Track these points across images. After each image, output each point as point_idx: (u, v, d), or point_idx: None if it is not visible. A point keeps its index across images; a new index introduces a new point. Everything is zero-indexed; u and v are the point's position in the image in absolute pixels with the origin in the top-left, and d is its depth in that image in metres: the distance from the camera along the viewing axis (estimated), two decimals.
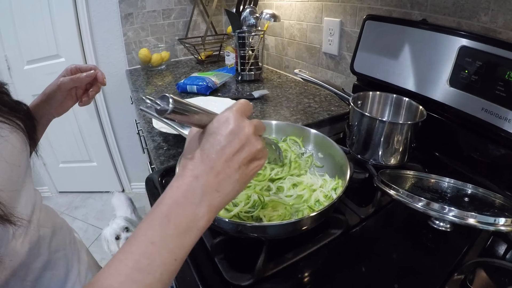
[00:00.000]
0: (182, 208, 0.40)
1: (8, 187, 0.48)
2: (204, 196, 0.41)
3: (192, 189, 0.41)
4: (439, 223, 0.64)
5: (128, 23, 2.08)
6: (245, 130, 0.42)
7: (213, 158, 0.41)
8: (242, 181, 0.44)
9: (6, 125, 0.51)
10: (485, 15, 0.87)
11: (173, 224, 0.39)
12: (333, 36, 1.43)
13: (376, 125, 0.83)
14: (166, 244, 0.38)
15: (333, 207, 0.62)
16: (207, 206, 0.41)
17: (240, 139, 0.41)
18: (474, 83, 0.83)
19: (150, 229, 0.39)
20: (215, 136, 0.41)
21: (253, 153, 0.43)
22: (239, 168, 0.42)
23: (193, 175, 0.41)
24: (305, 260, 0.64)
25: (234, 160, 0.42)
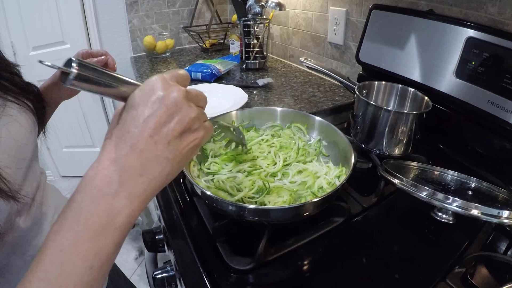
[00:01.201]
0: (95, 203, 0.33)
1: (14, 164, 0.49)
2: (123, 183, 0.33)
3: (108, 177, 0.33)
4: (441, 215, 0.63)
5: (133, 10, 2.07)
6: (172, 95, 0.35)
7: (134, 133, 0.34)
8: (174, 161, 0.36)
9: (16, 105, 0.53)
10: (492, 6, 0.86)
11: (84, 225, 0.32)
12: (338, 25, 1.42)
13: (381, 114, 0.83)
14: (78, 251, 0.31)
15: (336, 194, 0.62)
16: (127, 196, 0.34)
17: (167, 107, 0.34)
18: (480, 75, 0.82)
19: (59, 233, 0.32)
20: (137, 107, 0.35)
21: (185, 123, 0.36)
22: (168, 144, 0.35)
23: (109, 158, 0.34)
24: (306, 246, 0.64)
25: (161, 133, 0.34)
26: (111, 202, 0.33)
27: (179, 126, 0.35)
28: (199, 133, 0.38)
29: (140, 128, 0.34)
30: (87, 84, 0.33)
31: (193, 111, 0.36)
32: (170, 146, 0.35)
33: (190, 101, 0.37)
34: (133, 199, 0.34)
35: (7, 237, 0.49)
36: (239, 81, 1.56)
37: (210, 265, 0.60)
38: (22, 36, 2.12)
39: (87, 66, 0.33)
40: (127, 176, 0.33)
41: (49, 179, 2.89)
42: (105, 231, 0.33)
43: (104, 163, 0.34)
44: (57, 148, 2.73)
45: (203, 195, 0.61)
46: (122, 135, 0.34)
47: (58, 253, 0.31)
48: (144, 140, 0.34)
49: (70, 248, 0.31)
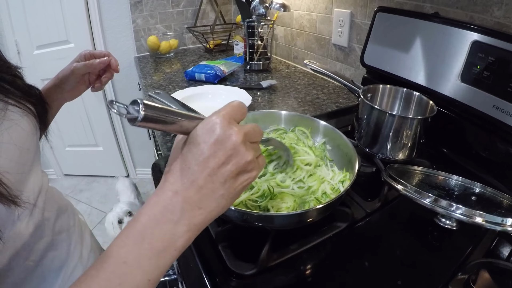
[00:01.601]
0: (159, 226, 0.36)
1: (16, 170, 0.49)
2: (183, 213, 0.37)
3: (171, 206, 0.37)
4: (445, 221, 0.63)
5: (137, 10, 2.08)
6: (232, 138, 0.37)
7: (194, 170, 0.37)
8: (229, 197, 0.39)
9: (17, 108, 0.52)
10: (498, 9, 0.85)
11: (148, 244, 0.35)
12: (343, 27, 1.41)
13: (385, 118, 0.82)
14: (140, 264, 0.35)
15: (340, 200, 0.62)
16: (187, 224, 0.37)
17: (226, 150, 0.37)
18: (485, 79, 0.81)
19: (124, 247, 0.35)
20: (198, 145, 0.37)
21: (241, 165, 0.38)
22: (225, 183, 0.38)
23: (172, 190, 0.37)
24: (309, 252, 0.64)
25: (219, 173, 0.37)
26: (173, 227, 0.36)
27: (235, 168, 0.38)
28: (253, 173, 0.40)
29: (201, 166, 0.36)
30: (152, 123, 0.35)
31: (249, 155, 0.38)
32: (226, 185, 0.38)
33: (247, 141, 0.39)
34: (192, 227, 0.37)
35: (9, 242, 0.49)
36: (243, 82, 1.56)
37: (212, 270, 0.60)
38: (26, 35, 2.13)
39: (153, 106, 0.34)
40: (187, 207, 0.37)
41: (52, 177, 2.91)
42: (166, 251, 0.36)
43: (167, 193, 0.37)
44: (60, 147, 2.74)
45: None
46: (183, 170, 0.37)
47: (122, 264, 0.34)
48: (203, 178, 0.37)
49: (133, 262, 0.35)
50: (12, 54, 2.13)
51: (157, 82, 1.59)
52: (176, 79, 1.60)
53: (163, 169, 0.86)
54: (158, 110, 0.35)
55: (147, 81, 1.62)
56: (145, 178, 2.88)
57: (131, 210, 1.97)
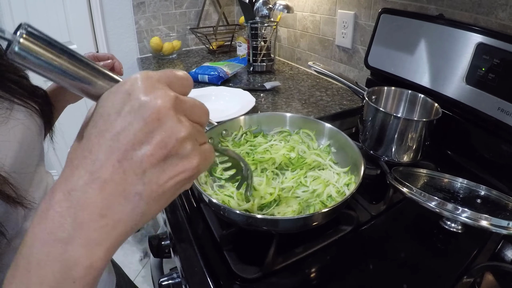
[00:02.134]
0: (46, 250, 0.25)
1: (21, 169, 0.48)
2: (78, 226, 0.25)
3: (60, 216, 0.25)
4: (450, 224, 0.63)
5: (140, 11, 2.08)
6: (156, 102, 0.25)
7: (98, 156, 0.25)
8: (150, 197, 0.26)
9: (23, 108, 0.52)
10: (503, 11, 0.85)
11: (36, 277, 0.25)
12: (346, 29, 1.41)
13: (390, 121, 0.82)
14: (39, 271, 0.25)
15: (345, 204, 0.61)
16: (84, 244, 0.25)
17: (146, 120, 0.25)
18: (490, 81, 0.81)
19: (12, 282, 0.25)
20: (106, 117, 0.25)
21: (171, 144, 0.26)
22: (143, 174, 0.25)
23: (64, 189, 0.25)
24: (314, 255, 0.64)
25: (133, 158, 0.25)
26: (64, 250, 0.25)
27: (160, 149, 0.25)
28: (191, 160, 0.27)
29: (106, 148, 0.25)
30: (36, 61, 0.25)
31: (183, 129, 0.26)
32: (145, 177, 0.26)
33: (181, 113, 0.27)
34: (92, 248, 0.25)
35: (14, 243, 0.48)
36: (246, 84, 1.56)
37: (216, 273, 0.60)
38: None
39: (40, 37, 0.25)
40: (84, 216, 0.25)
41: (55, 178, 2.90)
42: (61, 285, 0.25)
43: (57, 195, 0.25)
44: (63, 148, 2.71)
45: (210, 203, 0.61)
46: (84, 156, 0.26)
47: None
48: (109, 167, 0.25)
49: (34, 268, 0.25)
50: None
51: None
52: None
53: None
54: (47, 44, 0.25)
55: None
56: None
57: None
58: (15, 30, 0.24)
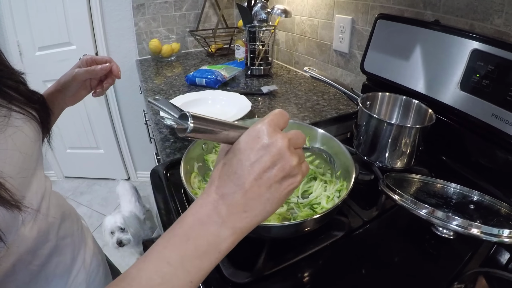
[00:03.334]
0: (204, 228, 0.37)
1: (19, 175, 0.49)
2: (229, 216, 0.37)
3: (217, 208, 0.37)
4: (442, 230, 0.63)
5: (140, 13, 2.09)
6: (277, 144, 0.37)
7: (240, 175, 0.37)
8: (274, 201, 0.39)
9: (21, 115, 0.52)
10: (498, 17, 0.85)
11: (193, 245, 0.36)
12: (344, 33, 1.42)
13: (384, 127, 0.82)
14: (183, 265, 0.35)
15: (336, 210, 0.61)
16: (231, 228, 0.37)
17: (272, 155, 0.37)
18: (485, 87, 0.81)
19: (168, 247, 0.36)
20: (244, 151, 0.38)
21: (286, 170, 0.38)
22: (270, 187, 0.38)
23: (218, 193, 0.38)
24: (306, 260, 0.64)
25: (264, 178, 0.37)
26: (218, 230, 0.37)
27: (280, 172, 0.38)
28: (297, 177, 0.40)
29: (247, 171, 0.37)
30: (200, 134, 0.37)
31: (294, 160, 0.39)
32: (271, 189, 0.38)
33: (291, 147, 0.39)
34: (237, 231, 0.38)
35: (13, 248, 0.49)
36: (244, 87, 1.56)
37: (208, 278, 0.59)
38: (28, 36, 2.14)
39: (200, 118, 0.36)
40: (233, 210, 0.37)
41: (53, 179, 2.91)
42: (210, 253, 0.37)
43: (213, 196, 0.38)
44: (61, 149, 2.74)
45: None
46: (230, 175, 0.38)
47: (165, 264, 0.35)
48: (249, 183, 0.37)
49: (176, 262, 0.35)
50: (14, 55, 2.14)
51: (158, 86, 1.59)
52: (177, 84, 1.61)
53: (162, 175, 0.87)
54: (205, 121, 0.37)
55: (148, 85, 1.62)
56: (146, 181, 2.88)
57: (123, 227, 1.96)
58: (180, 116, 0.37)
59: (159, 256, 0.36)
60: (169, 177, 0.87)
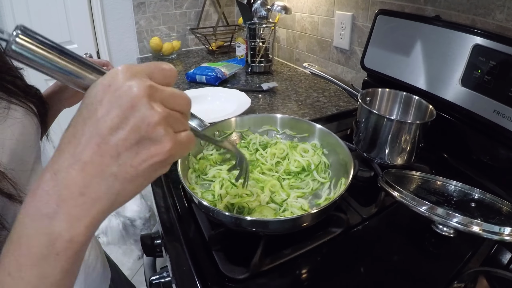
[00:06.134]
0: (34, 224, 0.28)
1: (19, 167, 0.49)
2: (61, 203, 0.28)
3: (46, 194, 0.28)
4: (442, 228, 0.62)
5: (141, 11, 2.08)
6: (131, 91, 0.27)
7: (80, 140, 0.28)
8: (125, 178, 0.29)
9: (20, 107, 0.53)
10: (500, 12, 0.84)
11: (25, 250, 0.28)
12: (344, 30, 1.41)
13: (383, 123, 0.81)
14: (21, 276, 0.28)
15: (334, 205, 0.61)
16: (66, 219, 0.28)
17: (122, 108, 0.27)
18: (487, 83, 0.80)
19: (6, 256, 0.29)
20: (89, 105, 0.28)
21: (141, 129, 0.28)
22: (118, 156, 0.28)
23: (51, 170, 0.29)
24: (303, 257, 0.63)
25: (109, 142, 0.28)
26: (49, 224, 0.28)
27: (133, 133, 0.28)
28: (164, 145, 0.29)
29: (88, 133, 0.28)
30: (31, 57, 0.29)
31: (155, 114, 0.28)
32: (119, 160, 0.28)
33: (156, 100, 0.29)
34: (74, 223, 0.28)
35: None
36: (244, 84, 1.56)
37: (205, 273, 0.59)
38: None
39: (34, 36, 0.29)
40: (66, 194, 0.28)
41: None
42: (47, 257, 0.29)
43: (46, 176, 0.29)
44: None
45: (199, 204, 0.61)
46: (69, 141, 0.29)
47: (7, 277, 0.28)
48: (90, 150, 0.28)
49: (15, 273, 0.28)
50: None
51: None
52: (177, 81, 1.60)
53: None
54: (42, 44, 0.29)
55: None
56: None
57: None
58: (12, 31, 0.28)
59: (1, 267, 0.29)
60: (167, 173, 0.87)
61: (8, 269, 0.29)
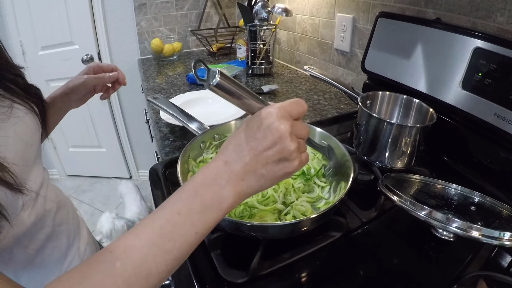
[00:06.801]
0: (209, 187, 0.42)
1: (21, 162, 0.53)
2: (229, 181, 0.43)
3: (220, 173, 0.43)
4: (442, 232, 0.62)
5: (142, 13, 2.09)
6: (280, 128, 0.41)
7: (244, 149, 0.43)
8: (267, 177, 0.44)
9: (22, 106, 0.56)
10: (501, 15, 0.84)
11: (199, 200, 0.41)
12: (345, 32, 1.41)
13: (383, 126, 0.81)
14: (191, 217, 0.40)
15: (334, 210, 0.61)
16: (231, 190, 0.42)
17: (273, 136, 0.42)
18: (487, 86, 0.80)
19: (179, 201, 0.42)
20: (252, 129, 0.43)
21: (284, 153, 0.43)
22: (266, 164, 0.43)
23: (224, 160, 0.44)
24: (302, 261, 0.63)
25: (263, 155, 0.42)
26: (220, 190, 0.42)
27: (278, 154, 0.42)
28: (294, 163, 0.44)
29: (250, 147, 0.43)
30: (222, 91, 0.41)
31: (293, 145, 0.42)
32: (267, 167, 0.43)
33: (293, 133, 0.43)
34: (235, 194, 0.43)
35: (12, 231, 0.53)
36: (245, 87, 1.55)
37: (204, 277, 0.59)
38: (31, 36, 2.14)
39: (227, 77, 0.41)
40: (233, 177, 0.43)
41: (55, 177, 2.92)
42: (213, 209, 0.41)
43: (219, 162, 0.44)
44: (64, 148, 2.75)
45: None
46: (236, 147, 0.44)
47: (176, 215, 0.40)
48: (250, 157, 0.42)
49: (185, 214, 0.40)
50: (17, 54, 2.15)
51: (159, 85, 1.58)
52: (178, 83, 1.60)
53: (160, 174, 0.87)
54: (230, 81, 0.41)
55: (149, 84, 1.62)
56: (147, 180, 2.87)
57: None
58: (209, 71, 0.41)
59: (171, 208, 0.41)
60: (167, 176, 0.87)
61: (179, 210, 0.40)
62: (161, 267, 0.39)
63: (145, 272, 0.38)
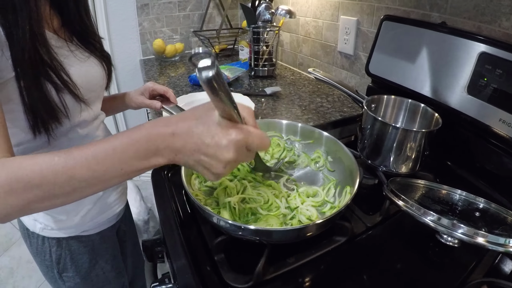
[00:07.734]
0: (149, 143, 0.46)
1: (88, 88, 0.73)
2: (166, 149, 0.47)
3: (164, 139, 0.46)
4: (447, 238, 0.62)
5: (144, 13, 2.08)
6: (224, 155, 0.45)
7: (192, 138, 0.46)
8: (193, 168, 0.49)
9: (96, 61, 0.78)
10: (506, 20, 0.84)
11: (136, 149, 0.46)
12: (349, 35, 1.40)
13: (389, 131, 0.81)
14: (121, 156, 0.46)
15: (340, 215, 0.60)
16: (165, 156, 0.47)
17: (215, 153, 0.45)
18: (493, 92, 0.80)
19: (118, 139, 0.46)
20: (210, 132, 0.45)
21: (212, 168, 0.47)
22: (197, 162, 0.47)
23: (173, 131, 0.46)
24: (307, 266, 0.63)
25: (199, 156, 0.46)
26: (156, 150, 0.46)
27: (208, 164, 0.47)
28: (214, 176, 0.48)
29: (197, 141, 0.46)
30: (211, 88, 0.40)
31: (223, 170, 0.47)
32: (196, 164, 0.47)
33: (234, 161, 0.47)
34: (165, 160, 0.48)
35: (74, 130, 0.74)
36: (247, 88, 1.55)
37: (207, 282, 0.59)
38: None
39: (221, 76, 0.41)
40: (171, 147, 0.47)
41: None
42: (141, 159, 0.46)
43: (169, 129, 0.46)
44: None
45: (203, 211, 0.60)
46: (188, 130, 0.46)
47: (112, 150, 0.46)
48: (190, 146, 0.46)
49: (119, 152, 0.46)
50: None
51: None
52: (180, 84, 1.60)
53: (163, 175, 0.87)
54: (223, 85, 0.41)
55: None
56: (148, 180, 2.85)
57: None
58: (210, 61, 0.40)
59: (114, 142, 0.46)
60: (170, 177, 0.87)
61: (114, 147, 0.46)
62: (84, 176, 0.45)
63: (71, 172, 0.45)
